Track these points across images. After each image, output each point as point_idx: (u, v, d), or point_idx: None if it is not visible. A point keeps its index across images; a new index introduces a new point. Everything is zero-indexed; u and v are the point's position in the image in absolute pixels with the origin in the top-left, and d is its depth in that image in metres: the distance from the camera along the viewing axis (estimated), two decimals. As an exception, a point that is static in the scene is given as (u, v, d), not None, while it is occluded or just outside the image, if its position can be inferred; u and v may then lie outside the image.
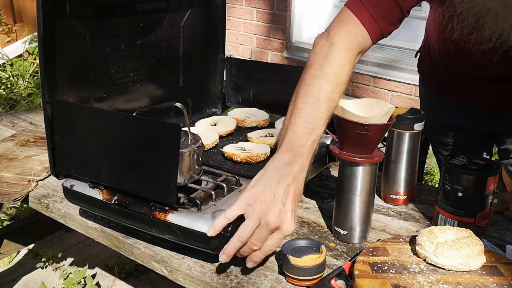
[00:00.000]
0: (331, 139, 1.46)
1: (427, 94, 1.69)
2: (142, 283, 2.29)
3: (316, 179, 1.46)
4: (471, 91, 1.47)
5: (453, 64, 1.46)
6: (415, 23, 3.48)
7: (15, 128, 1.87)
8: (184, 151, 1.09)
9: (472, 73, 1.42)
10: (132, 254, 1.18)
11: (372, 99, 1.14)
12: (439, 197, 1.20)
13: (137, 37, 1.42)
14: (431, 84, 1.65)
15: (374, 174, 1.13)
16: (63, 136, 1.17)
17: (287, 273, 1.02)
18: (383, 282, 0.95)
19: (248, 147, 1.33)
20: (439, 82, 1.59)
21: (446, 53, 1.45)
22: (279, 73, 1.61)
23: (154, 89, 1.51)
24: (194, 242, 1.05)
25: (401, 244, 1.08)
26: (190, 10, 1.55)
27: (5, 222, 2.56)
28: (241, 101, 1.69)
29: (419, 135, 1.32)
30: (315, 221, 1.27)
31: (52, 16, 1.15)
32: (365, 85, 3.49)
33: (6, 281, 2.28)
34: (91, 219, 1.28)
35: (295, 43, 3.82)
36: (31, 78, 4.24)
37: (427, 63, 1.60)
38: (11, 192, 1.40)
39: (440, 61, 1.51)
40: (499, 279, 0.96)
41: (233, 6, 4.03)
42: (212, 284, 1.04)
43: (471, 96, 1.49)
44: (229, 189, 1.15)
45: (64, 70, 1.21)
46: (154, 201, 1.07)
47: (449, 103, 1.57)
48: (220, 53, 1.67)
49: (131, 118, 1.11)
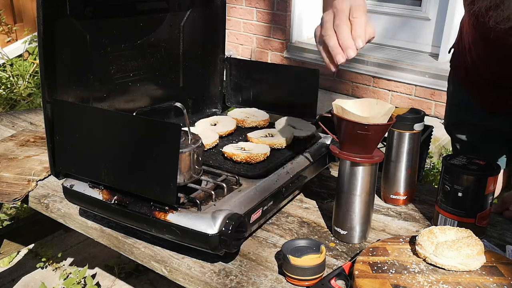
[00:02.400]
0: (331, 139, 1.46)
1: (455, 91, 1.70)
2: (142, 283, 2.29)
3: (316, 179, 1.46)
4: (499, 87, 1.48)
5: (482, 58, 1.47)
6: (415, 23, 3.49)
7: (15, 128, 1.87)
8: (184, 151, 1.09)
9: (500, 70, 1.43)
10: (132, 254, 1.19)
11: (372, 99, 1.14)
12: (439, 197, 1.20)
13: (137, 37, 1.42)
14: (460, 80, 1.66)
15: (374, 174, 1.13)
16: (63, 136, 1.17)
17: (287, 273, 1.02)
18: (383, 282, 0.95)
19: (248, 147, 1.33)
20: (469, 79, 1.60)
21: (475, 44, 1.46)
22: (279, 73, 1.61)
23: (154, 89, 1.51)
24: (194, 242, 1.05)
25: (401, 244, 1.08)
26: (190, 10, 1.55)
27: (5, 222, 2.56)
28: (241, 101, 1.69)
29: (419, 135, 1.31)
30: (315, 221, 1.27)
31: (52, 16, 1.14)
32: (365, 85, 3.49)
33: (6, 281, 2.28)
34: (91, 219, 1.28)
35: (295, 43, 3.82)
36: (31, 78, 4.24)
37: (459, 58, 1.61)
38: (11, 192, 1.40)
39: (469, 55, 1.51)
40: (499, 279, 0.96)
41: (233, 6, 4.03)
42: (212, 284, 1.04)
43: (498, 93, 1.49)
44: (229, 189, 1.15)
45: (64, 70, 1.21)
46: (154, 201, 1.07)
47: (475, 101, 1.58)
48: (220, 53, 1.67)
49: (131, 118, 1.11)
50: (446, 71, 3.16)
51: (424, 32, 3.46)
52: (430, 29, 3.43)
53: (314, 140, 1.45)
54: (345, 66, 3.51)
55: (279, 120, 1.52)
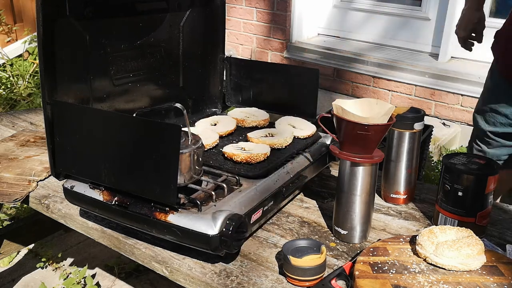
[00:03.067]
0: (331, 139, 1.46)
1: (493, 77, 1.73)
2: (142, 283, 2.28)
3: (316, 179, 1.46)
4: None
5: None
6: (415, 23, 3.49)
7: (15, 128, 1.87)
8: (184, 151, 1.09)
9: None
10: (132, 255, 1.18)
11: (372, 99, 1.14)
12: (439, 197, 1.20)
13: (137, 37, 1.42)
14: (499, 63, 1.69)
15: (374, 174, 1.13)
16: (63, 137, 1.17)
17: (288, 274, 1.02)
18: (384, 283, 0.95)
19: (248, 147, 1.33)
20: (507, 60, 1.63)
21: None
22: (279, 73, 1.61)
23: (154, 89, 1.50)
24: (195, 242, 1.05)
25: (402, 244, 1.08)
26: (190, 10, 1.55)
27: (5, 222, 2.56)
28: (241, 101, 1.69)
29: (419, 135, 1.31)
30: (316, 221, 1.27)
31: (52, 16, 1.14)
32: (365, 85, 3.48)
33: (6, 281, 2.28)
34: (91, 219, 1.28)
35: (295, 43, 3.82)
36: (31, 78, 4.23)
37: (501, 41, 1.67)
38: (12, 192, 1.40)
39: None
40: (499, 279, 0.96)
41: (233, 6, 4.03)
42: (212, 285, 1.04)
43: None
44: (229, 190, 1.15)
45: (64, 70, 1.21)
46: (155, 202, 1.07)
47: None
48: (220, 53, 1.67)
49: (131, 118, 1.11)
50: (446, 71, 3.17)
51: (424, 32, 3.45)
52: (430, 29, 3.43)
53: (314, 139, 1.45)
54: (345, 66, 3.51)
55: (279, 119, 1.52)
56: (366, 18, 3.64)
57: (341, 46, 3.64)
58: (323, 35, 3.89)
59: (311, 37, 3.89)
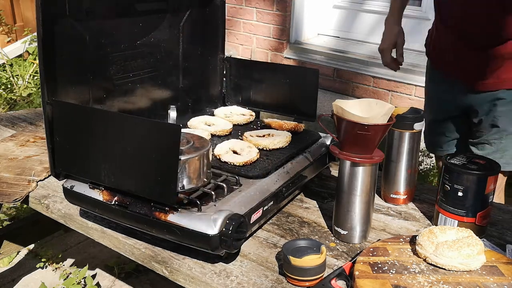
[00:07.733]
0: (331, 139, 1.46)
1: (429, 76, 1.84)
2: (142, 283, 2.28)
3: (316, 179, 1.46)
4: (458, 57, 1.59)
5: (446, 27, 1.65)
6: (415, 23, 3.49)
7: (15, 128, 1.87)
8: (194, 155, 1.08)
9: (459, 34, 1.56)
10: (132, 255, 1.18)
11: (372, 99, 1.14)
12: (439, 197, 1.20)
13: (137, 37, 1.41)
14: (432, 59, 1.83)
15: (374, 174, 1.13)
16: (63, 137, 1.16)
17: (288, 274, 1.02)
18: (384, 283, 0.95)
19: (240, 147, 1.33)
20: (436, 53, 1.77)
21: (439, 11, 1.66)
22: (279, 73, 1.61)
23: (154, 89, 1.50)
24: (195, 242, 1.05)
25: (401, 244, 1.08)
26: (189, 11, 1.55)
27: (5, 222, 2.56)
28: (241, 101, 1.69)
29: (419, 135, 1.31)
30: (315, 221, 1.27)
31: (51, 17, 1.14)
32: (365, 85, 3.48)
33: (6, 281, 2.28)
34: (91, 219, 1.28)
35: (295, 43, 3.81)
36: (31, 78, 4.23)
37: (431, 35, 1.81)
38: (11, 192, 1.40)
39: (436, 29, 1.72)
40: (499, 279, 0.96)
41: (233, 6, 4.03)
42: (212, 285, 1.04)
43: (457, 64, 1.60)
44: (229, 189, 1.15)
45: (64, 71, 1.21)
46: (154, 202, 1.07)
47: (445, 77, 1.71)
48: (220, 53, 1.67)
49: (131, 118, 1.11)
50: (446, 71, 3.15)
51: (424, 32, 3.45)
52: (430, 29, 3.43)
53: (314, 139, 1.45)
54: (345, 66, 3.51)
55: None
56: (366, 18, 3.64)
57: (341, 46, 3.64)
58: (323, 35, 3.89)
59: (311, 37, 3.89)
